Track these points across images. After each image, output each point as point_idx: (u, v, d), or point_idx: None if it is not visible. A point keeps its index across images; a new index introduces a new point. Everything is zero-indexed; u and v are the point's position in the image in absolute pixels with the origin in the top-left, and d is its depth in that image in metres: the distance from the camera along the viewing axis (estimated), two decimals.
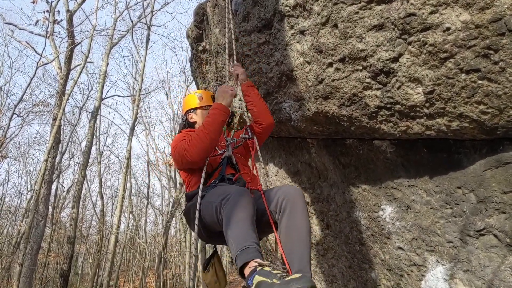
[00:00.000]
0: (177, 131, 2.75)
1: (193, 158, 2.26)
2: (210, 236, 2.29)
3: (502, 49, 1.59)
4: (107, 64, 15.73)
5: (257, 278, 1.56)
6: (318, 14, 2.22)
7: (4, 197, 24.65)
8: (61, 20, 12.94)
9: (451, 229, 2.08)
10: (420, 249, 2.27)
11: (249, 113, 2.71)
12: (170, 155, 2.53)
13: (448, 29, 1.70)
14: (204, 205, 2.16)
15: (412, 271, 2.35)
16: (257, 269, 1.61)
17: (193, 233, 2.21)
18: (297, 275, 1.50)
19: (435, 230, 2.17)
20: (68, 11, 13.25)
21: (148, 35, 16.51)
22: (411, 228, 2.32)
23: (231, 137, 2.69)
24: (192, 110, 2.75)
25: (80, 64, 13.76)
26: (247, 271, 1.65)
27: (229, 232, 1.81)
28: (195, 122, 2.73)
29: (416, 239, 2.29)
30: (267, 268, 1.60)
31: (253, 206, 1.93)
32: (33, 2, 10.85)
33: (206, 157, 2.34)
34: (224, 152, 2.54)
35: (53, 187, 17.67)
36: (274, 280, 1.50)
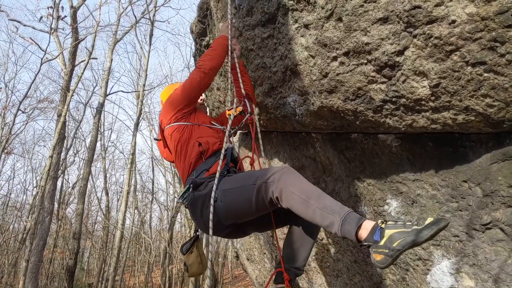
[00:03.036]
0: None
1: (209, 66, 2.54)
2: (220, 228, 2.15)
3: (508, 42, 1.57)
4: (111, 60, 15.80)
5: (388, 232, 1.56)
6: (322, 8, 2.21)
7: (10, 193, 24.88)
8: (65, 16, 13.01)
9: (457, 223, 2.08)
10: (426, 243, 2.27)
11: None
12: (165, 106, 2.55)
13: (453, 21, 1.68)
14: (222, 194, 2.04)
15: (417, 265, 2.35)
16: (381, 225, 1.61)
17: (209, 221, 1.96)
18: (431, 219, 1.51)
19: None
20: (72, 7, 13.29)
21: (152, 30, 16.49)
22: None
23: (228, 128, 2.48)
24: None
25: (84, 60, 13.82)
26: (364, 232, 1.64)
27: (314, 203, 1.80)
28: None
29: None
30: (391, 223, 1.60)
31: None
32: None
33: (217, 71, 2.65)
34: (224, 128, 2.60)
35: (59, 183, 17.80)
36: (415, 227, 1.50)
